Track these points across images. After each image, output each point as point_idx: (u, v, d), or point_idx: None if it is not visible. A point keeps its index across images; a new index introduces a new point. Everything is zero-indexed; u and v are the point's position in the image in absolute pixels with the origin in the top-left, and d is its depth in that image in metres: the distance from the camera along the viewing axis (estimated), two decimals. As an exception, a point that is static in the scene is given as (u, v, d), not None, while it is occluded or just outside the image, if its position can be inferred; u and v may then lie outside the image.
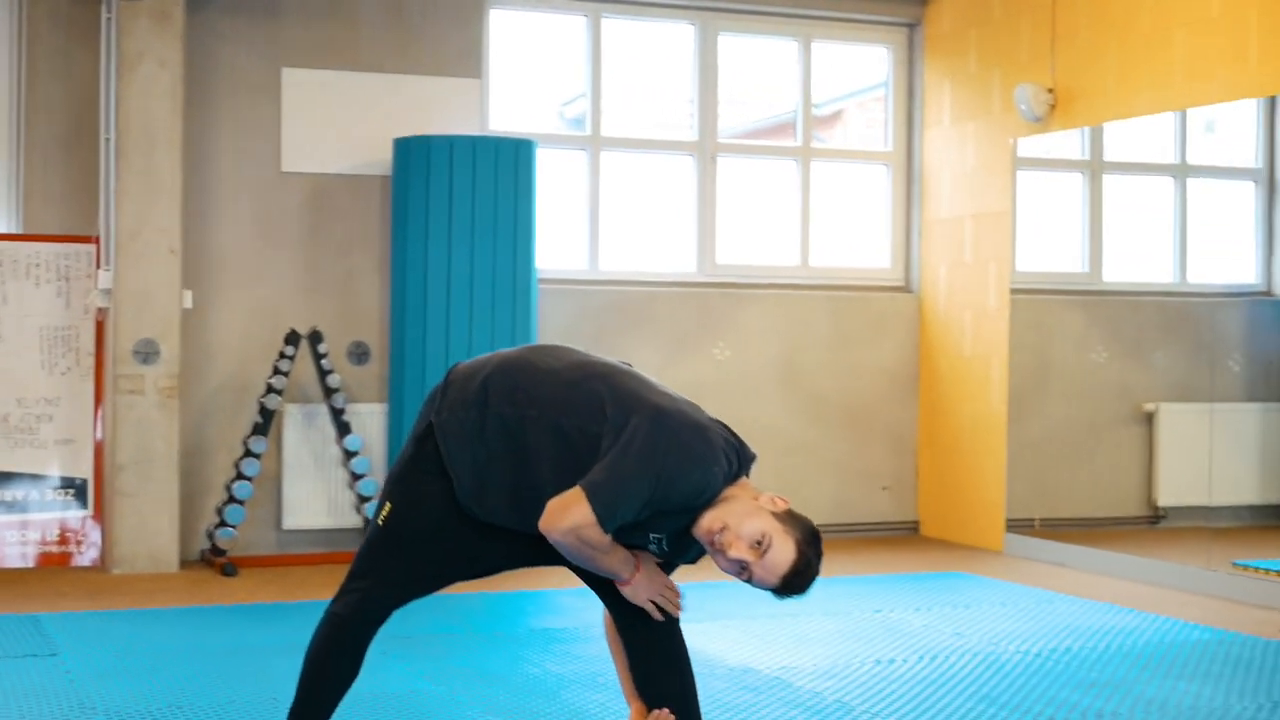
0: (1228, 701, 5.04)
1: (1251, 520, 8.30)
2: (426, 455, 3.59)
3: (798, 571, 3.40)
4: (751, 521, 3.37)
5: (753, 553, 3.36)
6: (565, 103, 9.11)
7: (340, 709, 3.71)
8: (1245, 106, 8.15)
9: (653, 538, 3.49)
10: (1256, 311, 8.43)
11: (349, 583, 3.65)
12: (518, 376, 3.55)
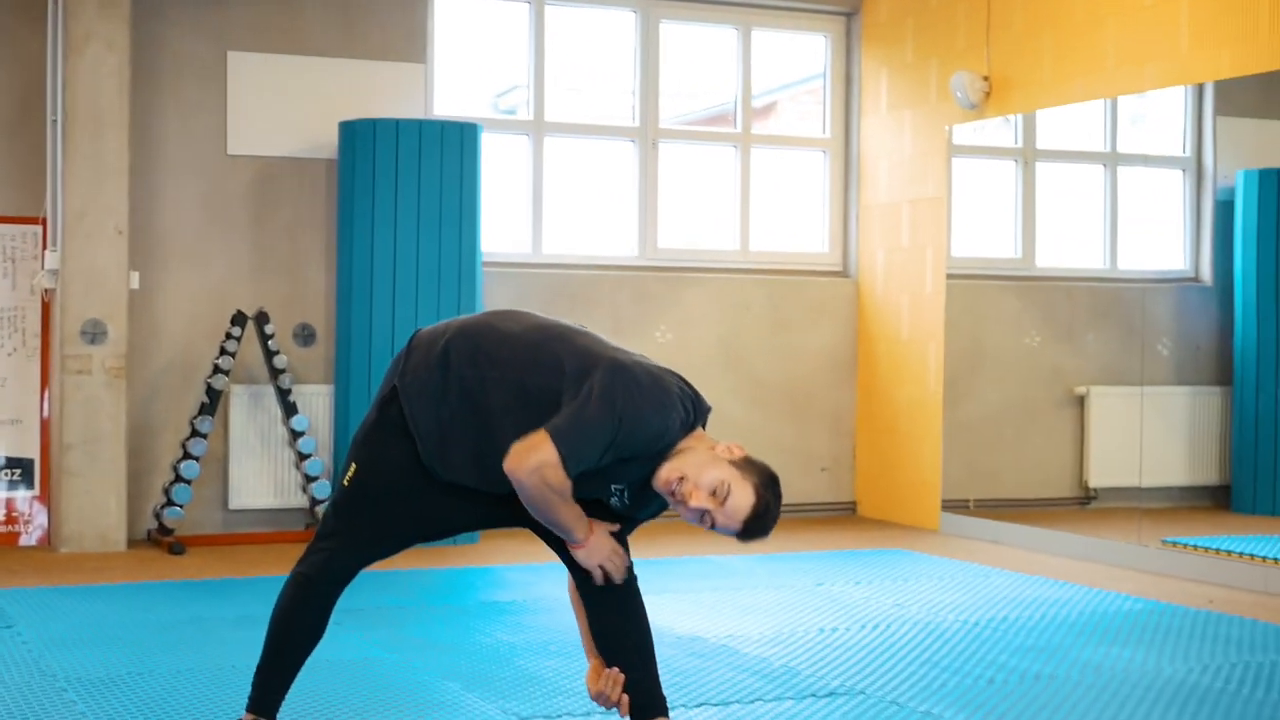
0: (1159, 665, 5.21)
1: (1180, 501, 8.49)
2: (390, 417, 3.67)
3: (757, 515, 3.51)
4: (710, 471, 3.48)
5: (713, 500, 3.48)
6: (500, 93, 9.20)
7: (298, 675, 3.80)
8: (1174, 97, 8.34)
9: (614, 489, 3.60)
10: (1185, 297, 8.62)
11: (315, 543, 3.74)
12: (479, 339, 3.65)
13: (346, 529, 3.69)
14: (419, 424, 3.61)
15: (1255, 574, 6.89)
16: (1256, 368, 8.22)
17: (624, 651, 3.73)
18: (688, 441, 3.56)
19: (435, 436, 3.60)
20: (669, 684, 4.31)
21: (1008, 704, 4.64)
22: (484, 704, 4.55)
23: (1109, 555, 7.66)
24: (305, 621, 3.73)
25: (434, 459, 3.61)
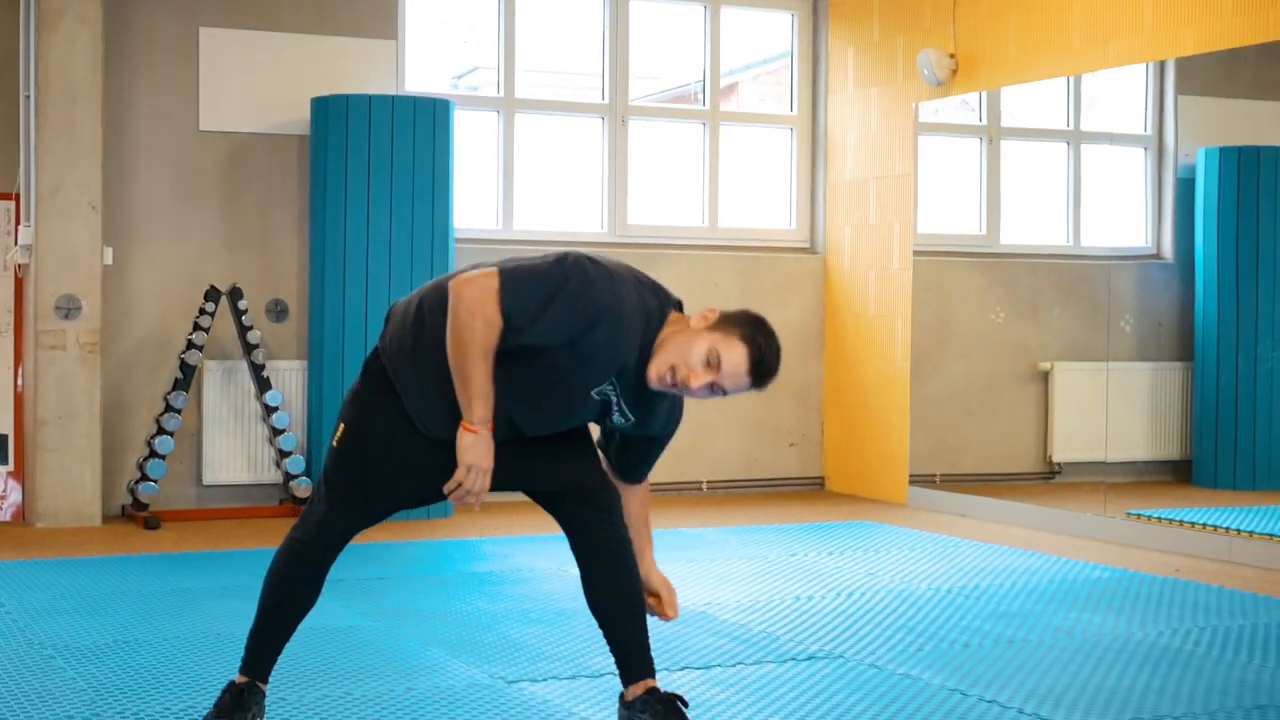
0: (1130, 629, 5.31)
1: (1142, 475, 8.60)
2: (372, 377, 3.72)
3: (757, 362, 3.54)
4: (693, 348, 3.51)
5: (710, 372, 3.51)
6: (460, 74, 9.24)
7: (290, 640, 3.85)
8: (1135, 76, 8.44)
9: (612, 400, 3.60)
10: (1147, 273, 8.74)
11: (308, 508, 3.78)
12: (446, 289, 3.65)
13: (338, 491, 3.72)
14: (401, 381, 3.64)
15: (1219, 544, 7.01)
16: (1217, 344, 8.33)
17: (615, 613, 3.81)
18: (665, 332, 3.58)
19: (418, 391, 3.62)
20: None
21: (983, 666, 4.73)
22: (469, 668, 4.61)
23: (1074, 527, 7.77)
24: (299, 586, 3.77)
25: (421, 413, 3.63)
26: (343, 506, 3.73)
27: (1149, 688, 4.47)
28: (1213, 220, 8.36)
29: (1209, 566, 6.71)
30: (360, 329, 7.86)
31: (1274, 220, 8.28)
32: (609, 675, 4.50)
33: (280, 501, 8.16)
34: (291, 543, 3.78)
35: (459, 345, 3.48)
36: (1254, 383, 8.24)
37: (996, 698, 4.34)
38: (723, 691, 4.39)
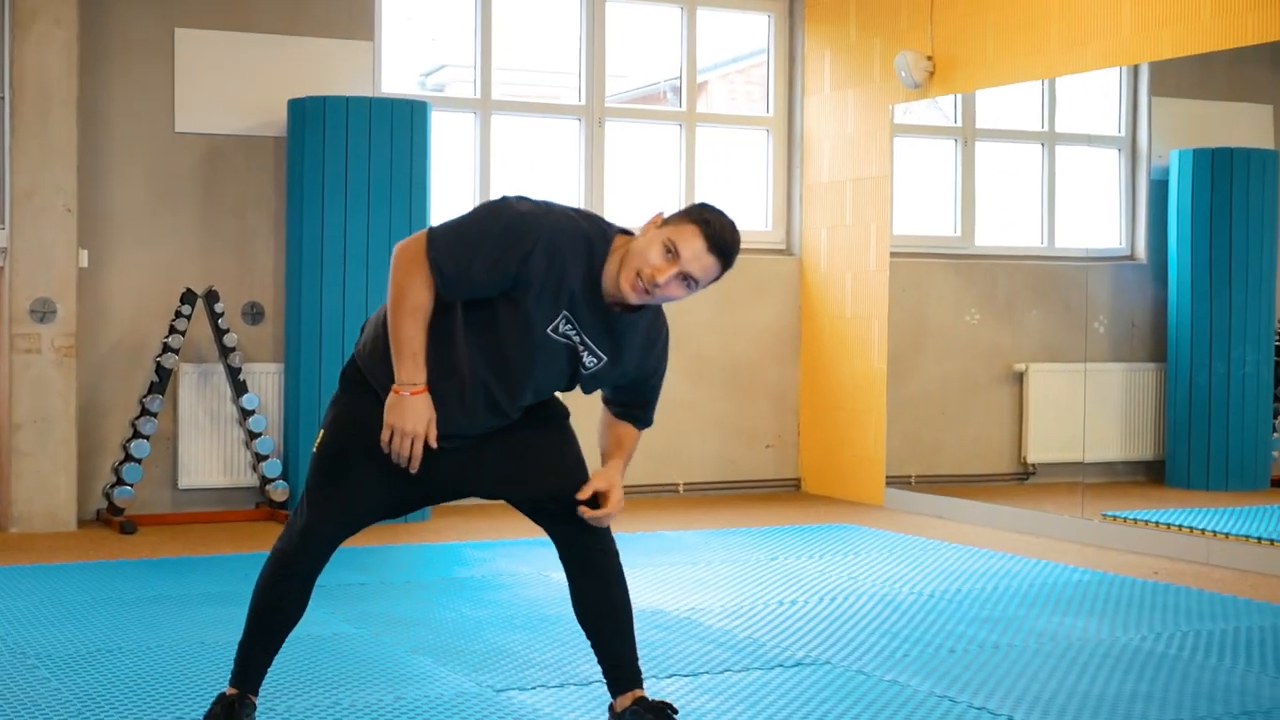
0: (1113, 633, 5.33)
1: (1116, 476, 8.65)
2: (349, 383, 3.73)
3: (713, 238, 3.50)
4: (651, 248, 3.50)
5: (672, 264, 3.48)
6: (426, 73, 9.22)
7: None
8: (1110, 78, 8.48)
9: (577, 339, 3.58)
10: (1121, 275, 8.78)
11: (292, 518, 3.77)
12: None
13: (320, 499, 3.70)
14: (379, 381, 3.63)
15: (1197, 546, 7.04)
16: (1190, 344, 8.39)
17: (604, 625, 3.81)
18: (616, 250, 3.56)
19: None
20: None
21: (970, 672, 4.74)
22: (457, 677, 4.60)
23: (1051, 529, 7.79)
24: (286, 598, 3.75)
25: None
26: (325, 514, 3.71)
27: (1135, 693, 4.49)
28: (1186, 222, 8.41)
29: (1187, 569, 6.74)
30: (337, 331, 7.83)
31: (1246, 222, 8.34)
32: (597, 683, 4.50)
33: (257, 505, 8.13)
34: (277, 554, 3.76)
35: (393, 306, 3.51)
36: (1227, 383, 8.30)
37: (985, 704, 4.35)
38: (712, 699, 4.38)
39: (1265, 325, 8.27)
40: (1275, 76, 8.21)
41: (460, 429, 3.62)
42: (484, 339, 3.55)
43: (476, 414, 3.61)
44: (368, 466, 3.66)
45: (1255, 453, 8.36)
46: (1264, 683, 4.63)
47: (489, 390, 3.58)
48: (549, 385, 3.68)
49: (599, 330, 3.60)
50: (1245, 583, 6.39)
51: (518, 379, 3.59)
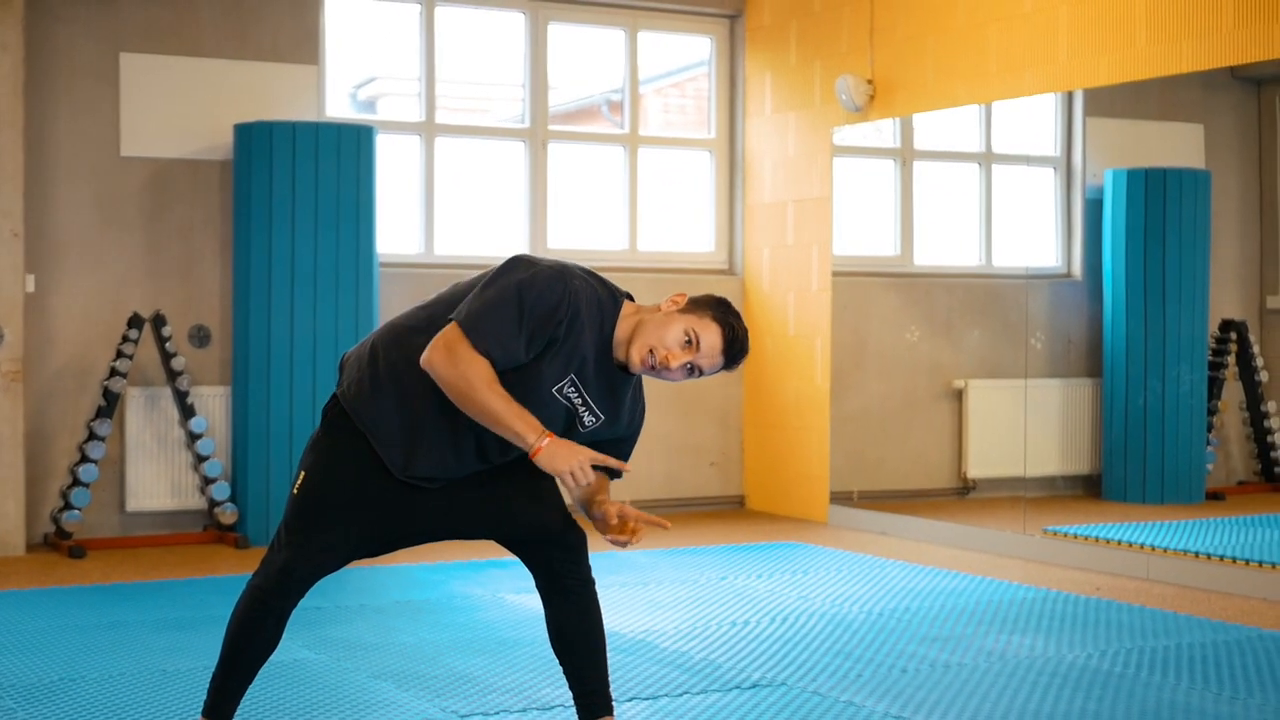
0: (1059, 651, 5.45)
1: (1054, 490, 8.79)
2: (332, 423, 3.76)
3: (730, 342, 3.65)
4: (670, 330, 3.60)
5: (688, 353, 3.61)
6: (358, 84, 9.27)
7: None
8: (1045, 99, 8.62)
9: (578, 400, 3.66)
10: (1058, 292, 8.92)
11: (269, 555, 3.78)
12: (398, 326, 3.75)
13: (299, 539, 3.72)
14: (367, 422, 3.68)
15: (1137, 561, 7.18)
16: (1125, 360, 8.53)
17: (577, 650, 3.87)
18: (627, 318, 3.67)
19: (383, 428, 3.66)
20: (602, 680, 4.45)
21: (923, 692, 4.84)
22: (421, 703, 4.66)
23: (993, 544, 7.92)
24: (260, 633, 3.77)
25: (388, 450, 3.66)
26: (304, 554, 3.73)
27: (1084, 711, 4.60)
28: (1121, 240, 8.56)
29: (1128, 584, 6.88)
30: (285, 354, 7.87)
31: (1179, 239, 8.49)
32: (559, 708, 4.57)
33: (205, 528, 8.14)
34: (253, 590, 3.77)
35: (465, 400, 3.53)
36: (1162, 398, 8.45)
37: (940, 725, 4.46)
38: (673, 723, 4.47)
39: (1199, 340, 8.42)
40: (1207, 97, 8.38)
41: (446, 471, 3.68)
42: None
43: (465, 460, 3.67)
44: (349, 510, 3.71)
45: (1190, 466, 8.50)
46: (1207, 699, 4.76)
47: (481, 439, 3.65)
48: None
49: (602, 392, 3.70)
50: (1185, 598, 6.53)
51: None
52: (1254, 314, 8.43)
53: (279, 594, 3.75)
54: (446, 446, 3.65)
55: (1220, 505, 8.36)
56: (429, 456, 3.65)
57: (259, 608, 3.76)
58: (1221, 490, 8.49)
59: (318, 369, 7.91)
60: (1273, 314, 8.27)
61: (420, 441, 3.65)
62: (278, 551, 3.76)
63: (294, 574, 3.73)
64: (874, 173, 9.48)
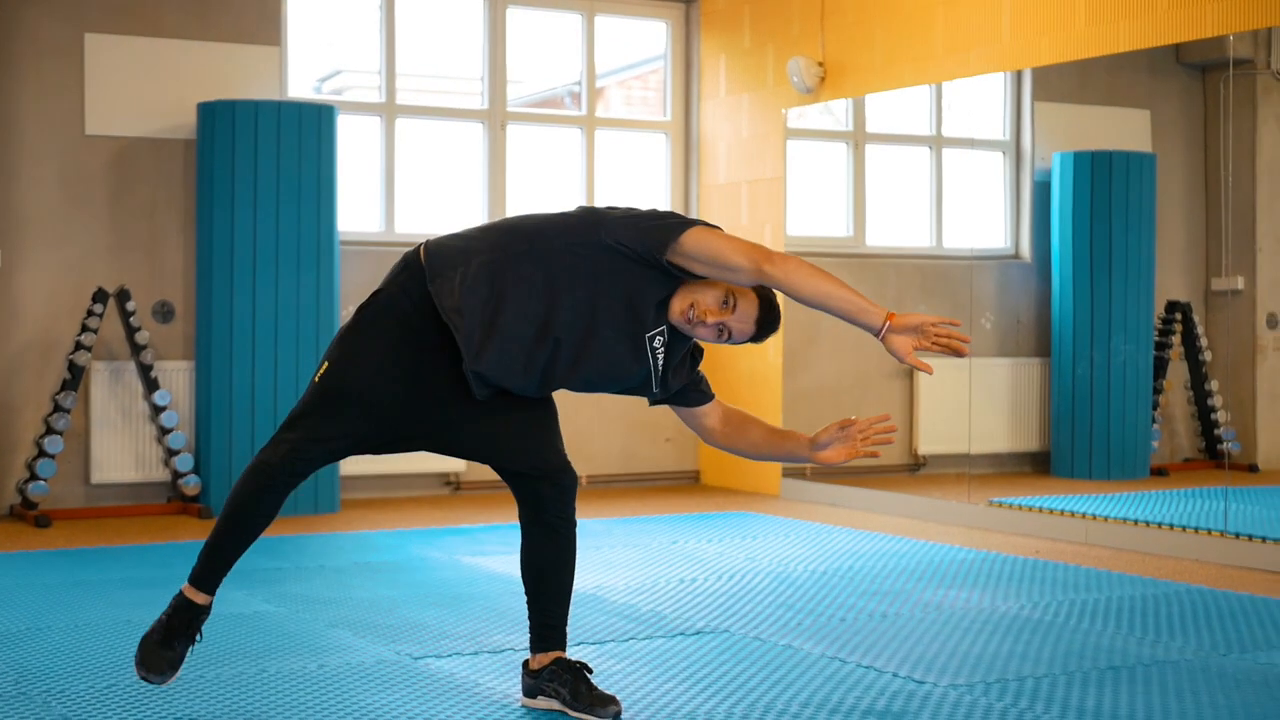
0: (994, 604, 5.65)
1: (1004, 467, 8.99)
2: (367, 319, 3.89)
3: (766, 312, 3.89)
4: (712, 290, 3.82)
5: (724, 313, 3.81)
6: (323, 78, 9.43)
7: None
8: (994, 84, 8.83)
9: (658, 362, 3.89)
10: (1007, 273, 9.12)
11: (280, 433, 3.90)
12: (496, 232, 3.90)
13: (312, 424, 3.85)
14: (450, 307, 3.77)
15: (1076, 527, 7.39)
16: (1073, 340, 8.72)
17: (547, 582, 4.06)
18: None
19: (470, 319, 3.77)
20: (551, 624, 4.63)
21: (859, 637, 5.04)
22: (376, 647, 4.83)
23: (940, 514, 8.13)
24: (259, 506, 3.89)
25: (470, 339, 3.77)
26: (313, 438, 3.85)
27: (1012, 653, 4.81)
28: (1068, 221, 8.74)
29: (1067, 548, 7.10)
30: (247, 329, 8.02)
31: (1125, 221, 8.68)
32: (510, 651, 4.75)
33: (168, 499, 8.30)
34: (259, 464, 3.88)
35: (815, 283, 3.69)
36: (1108, 376, 8.65)
37: (873, 664, 4.65)
38: (618, 664, 4.65)
39: (1144, 320, 8.62)
40: (1153, 82, 8.58)
41: (507, 378, 3.82)
42: (588, 312, 3.81)
43: (531, 376, 3.83)
44: (366, 404, 3.85)
45: (1135, 443, 8.70)
46: (1130, 643, 4.97)
47: (552, 364, 3.82)
48: (608, 383, 3.95)
49: (674, 361, 3.94)
50: (1121, 560, 6.74)
51: (591, 361, 3.85)
52: (1199, 296, 8.62)
53: (284, 470, 3.86)
54: (518, 355, 3.79)
55: (1163, 480, 8.56)
56: (500, 355, 3.78)
57: (263, 480, 3.87)
58: (1166, 467, 8.68)
59: (279, 344, 8.07)
60: (1217, 295, 8.45)
61: (493, 339, 3.77)
62: (289, 430, 3.88)
63: (302, 454, 3.85)
64: (827, 155, 9.67)
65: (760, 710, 4.11)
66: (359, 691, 4.27)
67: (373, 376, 3.84)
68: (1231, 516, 6.98)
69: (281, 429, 3.91)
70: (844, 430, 4.02)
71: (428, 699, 4.19)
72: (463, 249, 3.86)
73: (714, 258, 3.71)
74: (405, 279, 3.89)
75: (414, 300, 3.85)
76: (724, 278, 3.75)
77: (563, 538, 4.06)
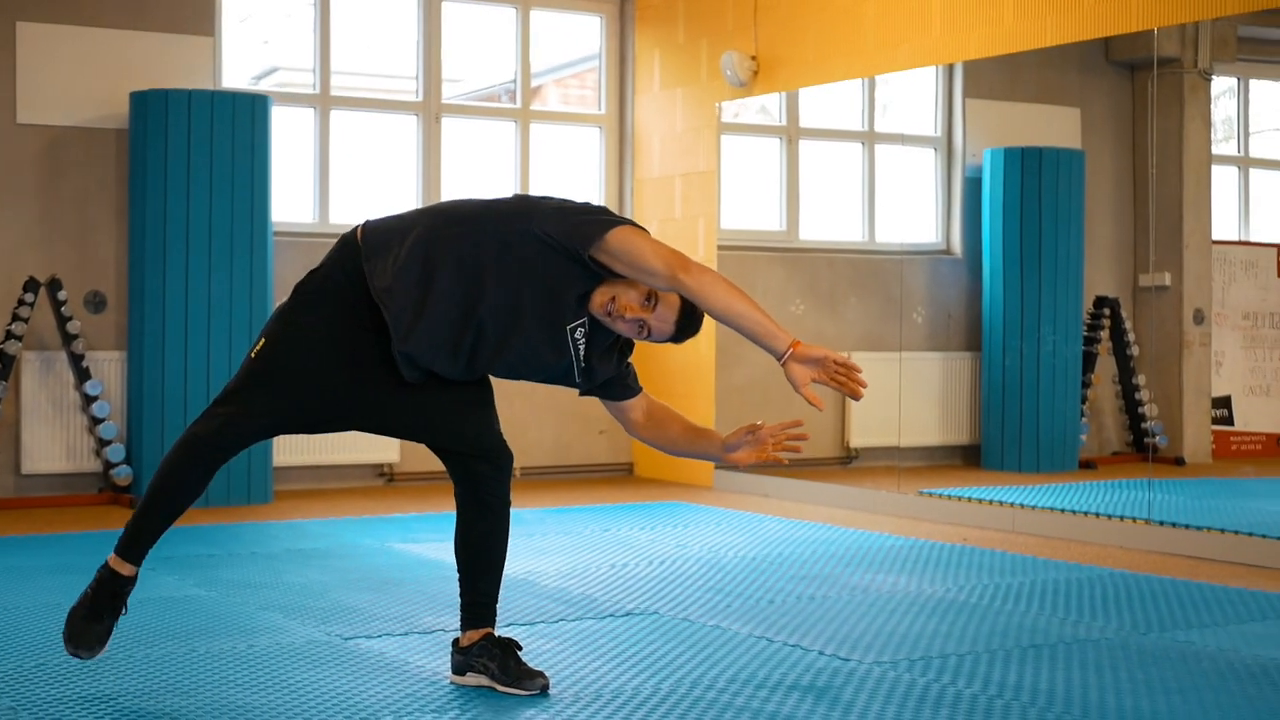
0: (920, 587, 5.72)
1: (935, 460, 9.08)
2: (304, 298, 3.92)
3: (686, 314, 3.89)
4: (635, 286, 3.83)
5: (645, 310, 3.84)
6: (258, 75, 9.42)
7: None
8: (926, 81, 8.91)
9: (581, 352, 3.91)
10: (937, 268, 9.21)
11: (212, 407, 3.93)
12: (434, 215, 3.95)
13: (246, 399, 3.88)
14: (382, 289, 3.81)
15: (1003, 516, 7.48)
16: (1003, 334, 8.82)
17: (480, 559, 4.11)
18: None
19: (400, 299, 3.81)
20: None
21: (787, 618, 5.10)
22: (307, 628, 4.85)
23: (870, 504, 8.20)
24: (188, 479, 3.90)
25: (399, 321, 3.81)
26: (245, 414, 3.88)
27: (937, 632, 4.88)
28: (999, 217, 8.84)
29: (994, 535, 7.18)
30: (180, 320, 8.00)
31: (1055, 217, 8.78)
32: (440, 632, 4.78)
33: (100, 490, 8.27)
34: (190, 436, 3.90)
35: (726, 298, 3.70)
36: (1037, 370, 8.75)
37: (800, 643, 4.70)
38: (549, 643, 4.68)
39: (1074, 315, 8.72)
40: (1082, 80, 8.69)
41: (434, 359, 3.86)
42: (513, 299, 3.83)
43: (458, 359, 3.87)
44: (301, 383, 3.89)
45: (1064, 437, 8.80)
46: (1054, 623, 5.05)
47: (477, 348, 3.86)
48: (530, 371, 3.98)
49: (597, 351, 3.95)
50: (1047, 547, 6.83)
51: (513, 348, 3.88)
52: (1127, 291, 8.72)
53: (214, 445, 3.89)
54: (446, 338, 3.84)
55: (1091, 473, 8.66)
56: (428, 337, 3.82)
57: (192, 452, 3.89)
58: (1094, 460, 8.79)
59: (212, 334, 8.05)
60: (1145, 291, 8.56)
61: (422, 320, 3.81)
62: (222, 405, 3.91)
63: (233, 428, 3.88)
64: (761, 150, 9.74)
65: (688, 686, 4.15)
66: (288, 670, 4.28)
67: (308, 354, 3.88)
68: (1155, 506, 7.08)
69: (214, 403, 3.93)
70: (753, 434, 4.08)
71: (357, 677, 4.21)
72: (399, 230, 3.90)
73: (634, 259, 3.74)
74: (343, 259, 3.92)
75: (350, 280, 3.88)
76: (641, 279, 3.78)
77: (498, 516, 4.11)
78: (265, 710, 3.85)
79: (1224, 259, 8.48)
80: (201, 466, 3.91)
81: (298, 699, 3.96)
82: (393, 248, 3.86)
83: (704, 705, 3.95)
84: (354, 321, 3.87)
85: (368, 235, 3.91)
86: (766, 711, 3.89)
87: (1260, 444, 8.53)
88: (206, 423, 3.90)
